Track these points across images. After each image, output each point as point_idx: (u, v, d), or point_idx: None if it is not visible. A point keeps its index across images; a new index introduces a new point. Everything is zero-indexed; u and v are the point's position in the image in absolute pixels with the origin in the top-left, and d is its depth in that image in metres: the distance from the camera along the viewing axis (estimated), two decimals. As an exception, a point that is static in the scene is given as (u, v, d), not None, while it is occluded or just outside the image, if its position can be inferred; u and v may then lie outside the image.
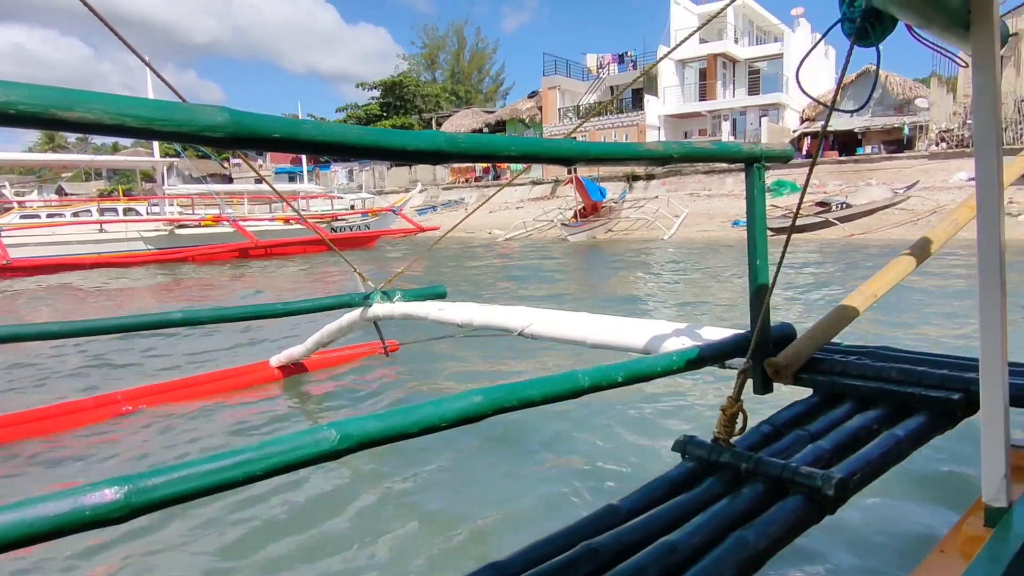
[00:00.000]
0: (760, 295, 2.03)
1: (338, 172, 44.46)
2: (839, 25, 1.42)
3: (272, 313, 3.94)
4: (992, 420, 1.41)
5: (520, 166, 34.45)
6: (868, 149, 28.33)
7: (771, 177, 26.02)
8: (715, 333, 2.38)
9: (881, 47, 1.37)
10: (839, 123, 29.40)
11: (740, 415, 1.61)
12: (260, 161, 46.12)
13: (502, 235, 24.13)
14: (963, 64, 1.45)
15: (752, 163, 2.02)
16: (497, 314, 3.18)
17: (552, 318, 2.94)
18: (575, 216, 22.33)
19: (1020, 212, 17.39)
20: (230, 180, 36.49)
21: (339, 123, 1.22)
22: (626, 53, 37.15)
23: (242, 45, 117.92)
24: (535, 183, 32.32)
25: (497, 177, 35.95)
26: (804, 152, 28.31)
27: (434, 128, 45.68)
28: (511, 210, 28.74)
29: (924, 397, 1.78)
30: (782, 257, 1.69)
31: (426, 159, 1.33)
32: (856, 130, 29.40)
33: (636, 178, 28.98)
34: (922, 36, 1.40)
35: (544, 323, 2.92)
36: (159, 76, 3.06)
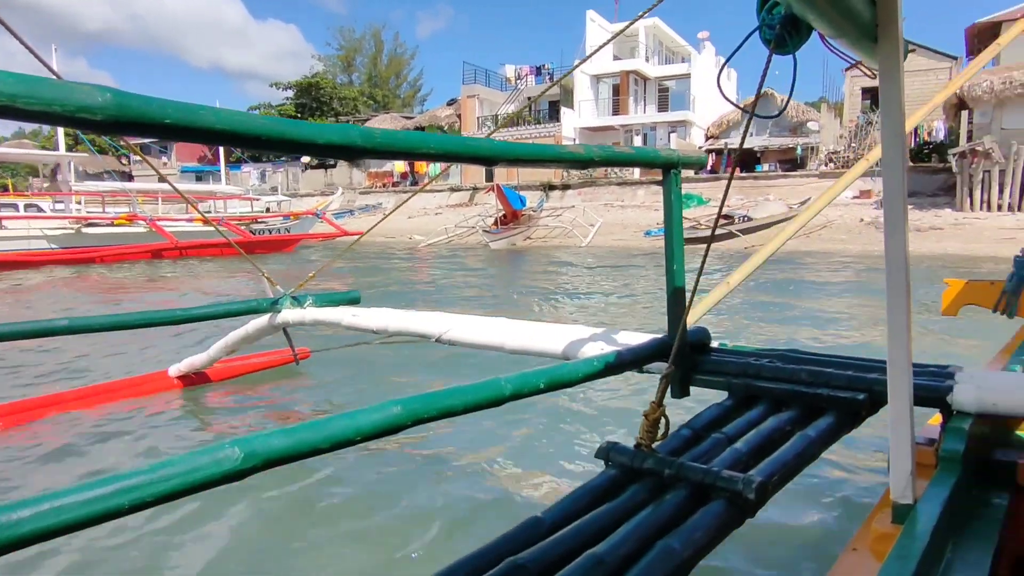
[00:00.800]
0: (678, 300, 2.03)
1: (251, 173, 42.77)
2: (757, 32, 1.42)
3: (171, 320, 3.67)
4: (899, 420, 1.44)
5: (439, 171, 34.30)
6: (766, 167, 29.90)
7: (684, 191, 26.96)
8: (633, 338, 2.37)
9: (797, 56, 1.37)
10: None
11: (663, 420, 1.58)
12: (164, 159, 43.83)
13: (423, 241, 24.02)
14: (871, 75, 1.49)
15: (669, 169, 2.01)
16: (414, 320, 3.08)
17: (470, 324, 2.87)
18: (496, 223, 22.86)
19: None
20: (130, 178, 34.45)
21: (243, 111, 1.11)
22: (544, 66, 37.68)
23: (140, 35, 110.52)
24: (454, 190, 32.21)
25: (416, 183, 35.61)
26: (709, 168, 29.45)
27: (351, 133, 44.78)
28: (430, 216, 28.56)
29: (832, 398, 1.81)
30: (702, 264, 1.69)
31: (339, 154, 1.23)
32: (755, 149, 30.95)
33: (552, 187, 29.41)
34: (833, 46, 1.42)
35: (462, 329, 2.84)
36: (32, 52, 2.78)
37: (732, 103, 1.64)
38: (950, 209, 20.55)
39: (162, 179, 4.37)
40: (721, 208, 1.71)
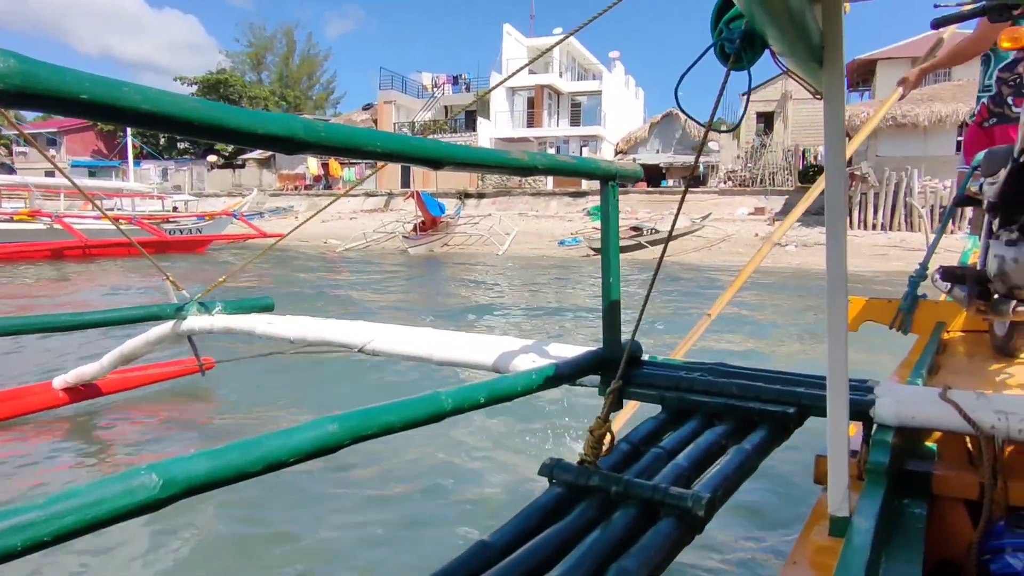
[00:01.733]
0: (614, 312, 2.00)
1: (151, 170, 40.28)
2: (712, 49, 1.41)
3: (59, 326, 3.30)
4: (837, 433, 1.45)
5: (353, 176, 33.54)
6: (671, 182, 31.12)
7: (591, 203, 27.67)
8: (564, 350, 2.33)
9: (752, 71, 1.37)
10: (648, 158, 32.07)
11: (608, 435, 1.54)
12: (53, 151, 40.64)
13: (340, 245, 23.54)
14: (817, 96, 1.50)
15: (607, 180, 1.99)
16: (334, 329, 2.91)
17: (396, 334, 2.74)
18: (415, 229, 23.02)
19: (788, 243, 20.00)
20: (11, 170, 31.71)
21: (174, 92, 0.97)
22: (461, 75, 37.66)
23: (19, 16, 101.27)
24: (369, 195, 31.59)
25: (329, 186, 34.67)
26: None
27: (260, 133, 43.12)
28: (344, 220, 27.93)
29: (764, 411, 1.82)
30: (654, 277, 1.66)
31: (279, 146, 1.11)
32: (661, 165, 32.15)
33: (468, 196, 29.43)
34: (783, 64, 1.42)
35: (387, 339, 2.70)
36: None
37: (688, 115, 1.62)
38: (834, 228, 21.99)
39: (60, 174, 3.95)
40: (675, 221, 1.69)
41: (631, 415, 2.74)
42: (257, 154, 41.16)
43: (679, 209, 1.65)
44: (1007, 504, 1.44)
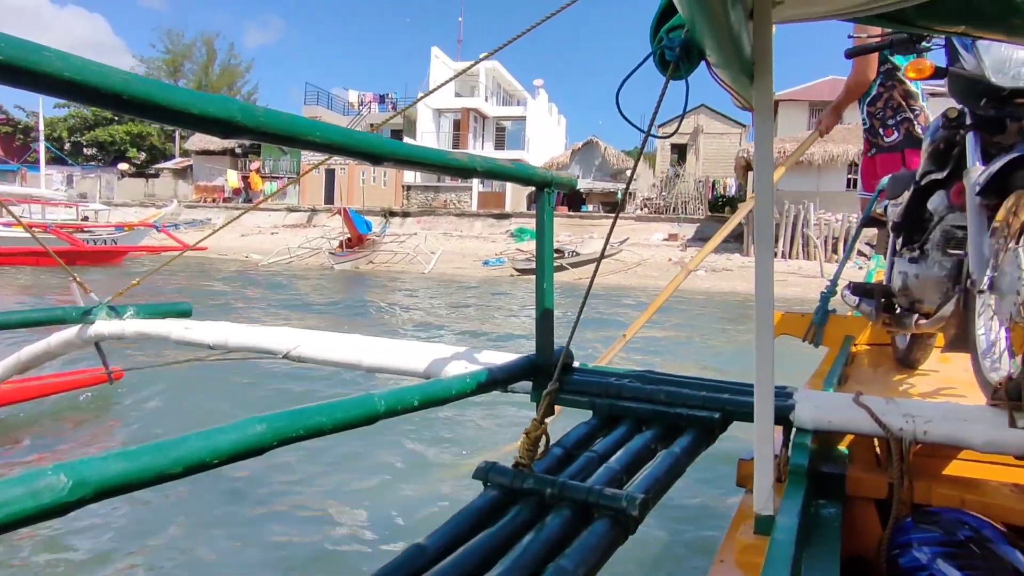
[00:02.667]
0: (547, 318, 1.99)
1: (52, 175, 37.65)
2: (651, 57, 1.43)
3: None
4: (763, 437, 1.49)
5: (274, 188, 32.53)
6: (591, 207, 31.85)
7: (515, 225, 27.95)
8: (495, 357, 2.30)
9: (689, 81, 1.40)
10: (569, 182, 32.65)
11: (544, 438, 1.51)
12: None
13: (262, 260, 22.83)
14: (749, 108, 1.55)
15: (543, 187, 1.99)
16: (257, 335, 2.76)
17: (323, 340, 2.63)
18: (341, 246, 22.81)
19: (698, 268, 20.82)
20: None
21: (97, 62, 0.89)
22: (388, 95, 37.43)
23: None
24: (291, 210, 30.72)
25: (249, 200, 33.50)
26: (541, 205, 30.60)
27: (178, 142, 41.36)
28: (265, 235, 27.05)
29: (691, 416, 1.85)
30: (588, 288, 1.67)
31: (214, 128, 1.04)
32: (582, 190, 32.86)
33: (393, 214, 29.15)
34: (718, 76, 1.46)
35: (314, 345, 2.59)
36: None
37: (629, 121, 1.64)
38: (739, 254, 23.19)
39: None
40: (607, 242, 1.70)
41: (551, 421, 2.73)
42: (172, 164, 39.36)
43: (611, 229, 1.68)
44: (912, 502, 1.51)
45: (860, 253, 22.11)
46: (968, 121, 1.77)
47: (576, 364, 2.26)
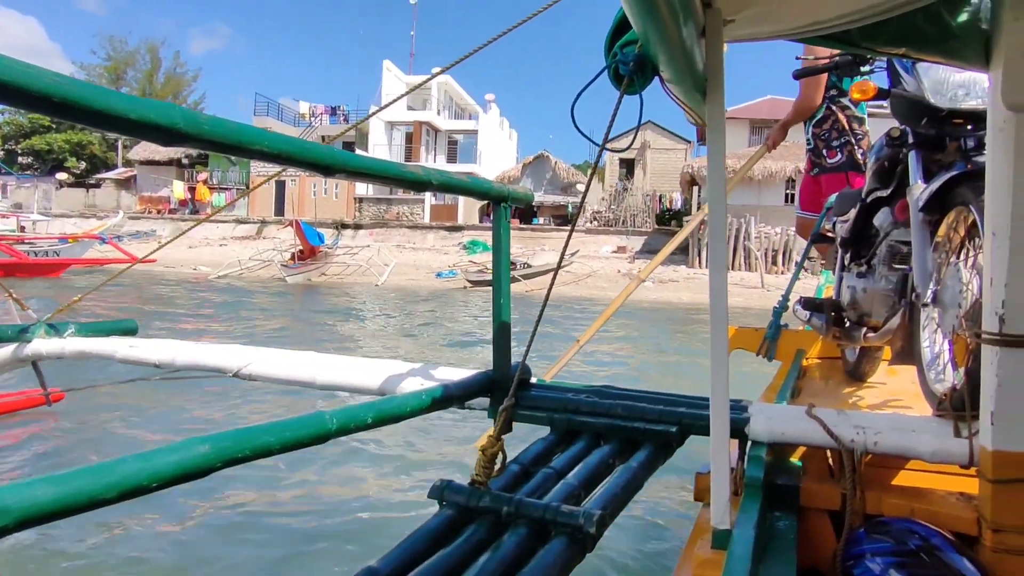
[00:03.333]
0: (504, 333, 1.96)
1: (-15, 186, 35.88)
2: (605, 72, 1.42)
3: None
4: (719, 451, 1.48)
5: (224, 201, 31.68)
6: (542, 220, 32.08)
7: (467, 237, 27.90)
8: (451, 373, 2.25)
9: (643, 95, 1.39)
10: (521, 196, 32.91)
11: (500, 455, 1.47)
12: None
13: (212, 272, 22.25)
14: (701, 124, 1.56)
15: (500, 202, 1.96)
16: (206, 353, 2.64)
17: (275, 357, 2.53)
18: (293, 258, 22.59)
19: (646, 280, 21.20)
20: None
21: (26, 62, 0.82)
22: (339, 107, 36.99)
23: None
24: (240, 222, 29.96)
25: (196, 211, 32.53)
26: (491, 217, 30.68)
27: (120, 152, 39.98)
28: (214, 247, 26.33)
29: (648, 431, 1.83)
30: (544, 302, 1.64)
31: (155, 135, 0.97)
32: (533, 204, 33.07)
33: (345, 226, 28.78)
34: (671, 92, 1.46)
35: (265, 363, 2.49)
36: None
37: (583, 134, 1.62)
38: (684, 266, 23.78)
39: None
40: (563, 255, 1.68)
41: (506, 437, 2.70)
42: (115, 174, 37.98)
43: (568, 241, 1.67)
44: (864, 512, 1.52)
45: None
46: (910, 140, 1.83)
47: (533, 380, 2.23)
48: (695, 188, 28.30)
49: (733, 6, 1.36)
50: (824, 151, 3.63)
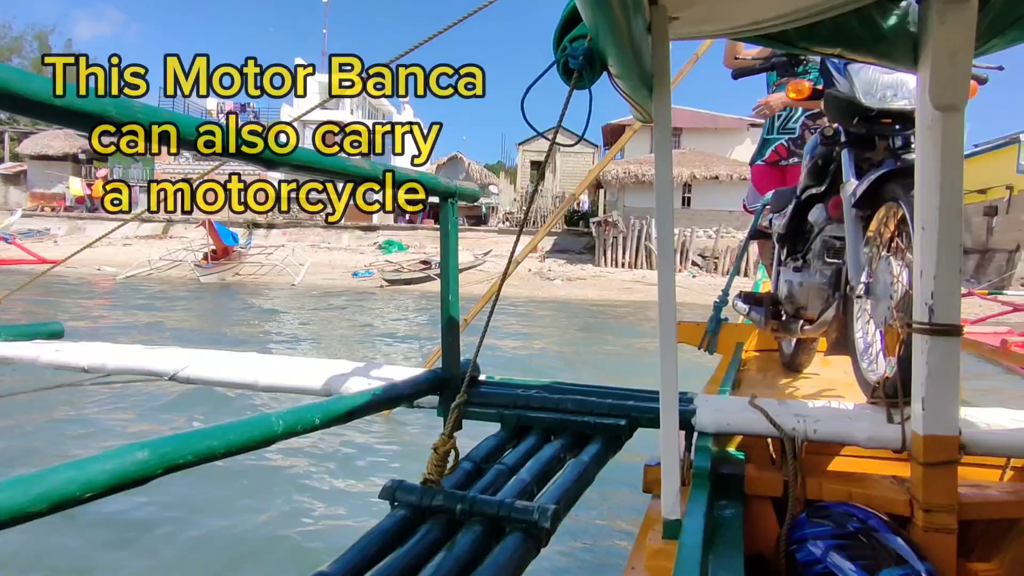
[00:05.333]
0: (452, 330, 1.91)
1: None
2: (555, 66, 1.40)
3: None
4: (669, 443, 1.48)
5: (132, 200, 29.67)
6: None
7: (383, 237, 27.50)
8: (397, 372, 2.18)
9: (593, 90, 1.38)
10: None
11: (452, 452, 1.43)
12: None
13: (119, 273, 20.94)
14: (649, 120, 1.56)
15: (447, 198, 1.91)
16: (139, 355, 2.40)
17: (213, 359, 2.35)
18: (206, 258, 21.87)
19: (555, 278, 21.76)
20: None
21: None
22: (249, 104, 35.48)
23: None
24: (144, 220, 28.21)
25: (94, 209, 30.41)
26: (407, 219, 30.22)
27: (8, 145, 36.93)
28: (117, 247, 24.65)
29: (598, 424, 1.83)
30: (494, 304, 1.60)
31: (78, 122, 0.87)
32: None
33: (257, 226, 27.73)
34: (620, 87, 1.46)
35: (203, 365, 2.30)
36: None
37: (534, 129, 1.59)
38: (591, 265, 24.53)
39: None
40: (512, 256, 1.64)
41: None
42: (2, 168, 34.97)
43: (517, 240, 1.64)
44: (806, 498, 1.57)
45: (694, 264, 24.15)
46: (843, 139, 1.91)
47: (483, 377, 2.19)
48: (600, 191, 29.27)
49: (677, 3, 1.37)
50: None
